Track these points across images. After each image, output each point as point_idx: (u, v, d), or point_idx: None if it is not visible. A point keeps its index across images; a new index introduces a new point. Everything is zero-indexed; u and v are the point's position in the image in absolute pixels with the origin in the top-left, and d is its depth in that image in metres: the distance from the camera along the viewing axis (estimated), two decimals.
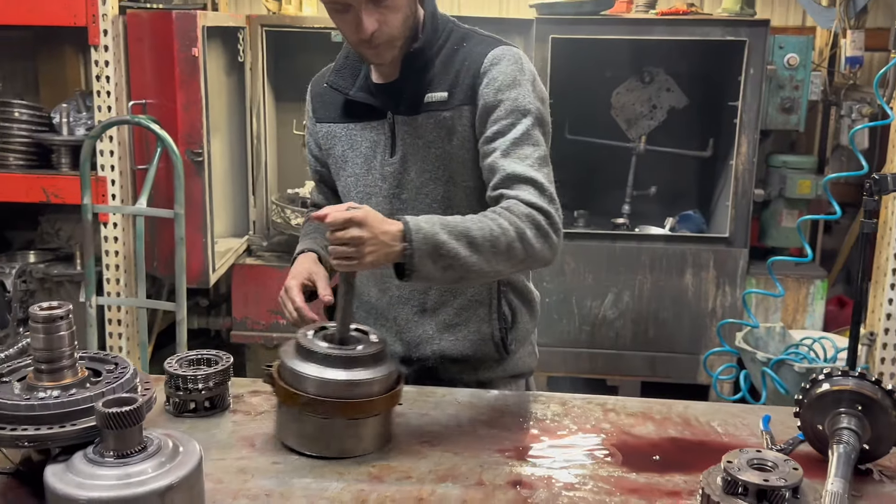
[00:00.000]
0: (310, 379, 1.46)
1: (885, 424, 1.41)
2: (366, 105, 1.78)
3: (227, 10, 4.73)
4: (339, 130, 1.84)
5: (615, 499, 1.36)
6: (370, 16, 1.61)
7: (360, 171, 1.81)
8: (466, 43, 1.75)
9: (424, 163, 1.74)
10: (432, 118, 1.72)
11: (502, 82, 1.68)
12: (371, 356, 1.50)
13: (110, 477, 1.18)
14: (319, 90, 1.90)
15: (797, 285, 3.93)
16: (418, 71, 1.73)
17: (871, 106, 3.90)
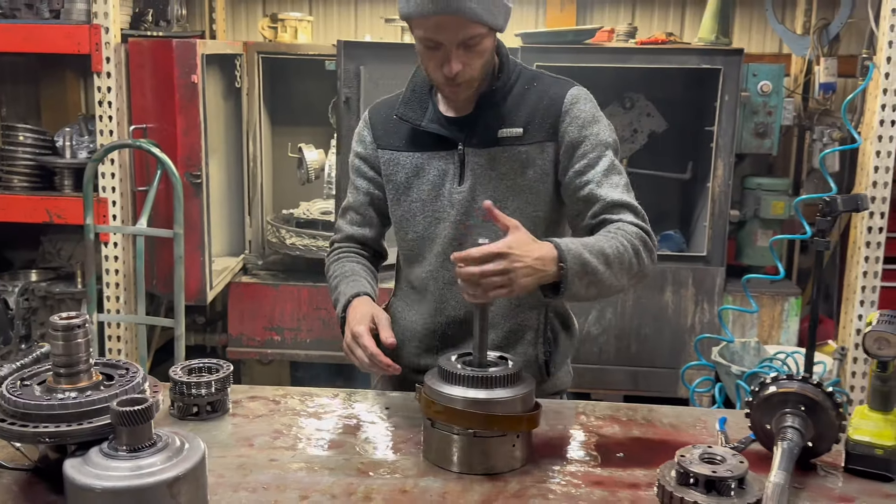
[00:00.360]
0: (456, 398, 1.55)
1: (827, 423, 1.55)
2: (436, 136, 1.89)
3: (224, 37, 4.89)
4: (403, 158, 1.93)
5: (581, 490, 1.50)
6: (458, 57, 1.73)
7: (426, 198, 1.91)
8: (537, 83, 1.90)
9: (495, 192, 1.86)
10: (507, 152, 1.86)
11: (584, 119, 1.84)
12: (511, 377, 1.58)
13: (123, 469, 1.31)
14: (382, 118, 1.99)
15: (772, 302, 4.08)
16: (492, 107, 1.86)
17: (842, 130, 4.07)
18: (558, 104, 1.85)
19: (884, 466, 1.55)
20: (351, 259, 2.02)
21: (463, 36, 1.71)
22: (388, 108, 1.99)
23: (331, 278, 1.99)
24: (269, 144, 4.70)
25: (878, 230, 3.57)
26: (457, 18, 1.68)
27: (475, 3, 1.68)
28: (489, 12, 1.71)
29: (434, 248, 1.93)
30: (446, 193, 1.89)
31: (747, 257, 4.28)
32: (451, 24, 1.69)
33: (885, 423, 1.57)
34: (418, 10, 1.69)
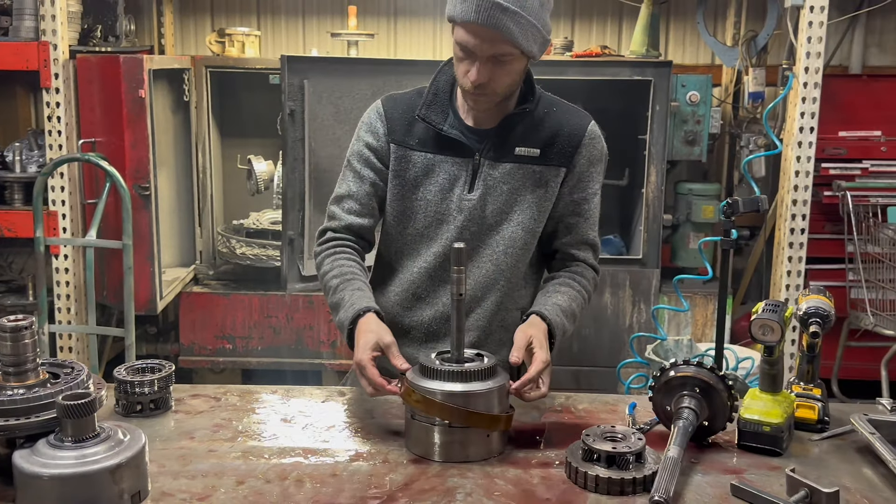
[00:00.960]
0: (435, 392, 1.66)
1: (720, 404, 1.71)
2: (453, 141, 1.98)
3: (173, 52, 4.98)
4: (415, 157, 2.01)
5: (495, 469, 1.64)
6: (485, 69, 1.83)
7: (433, 199, 2.01)
8: (556, 108, 2.04)
9: (503, 205, 2.00)
10: (521, 169, 1.99)
11: (596, 157, 2.05)
12: (486, 371, 1.70)
13: (69, 458, 1.42)
14: (399, 114, 2.04)
15: (705, 302, 4.27)
16: (513, 125, 1.99)
17: (766, 137, 4.28)
18: (579, 135, 2.01)
19: (772, 442, 1.70)
20: (348, 255, 2.04)
21: (494, 51, 1.81)
22: (405, 104, 2.05)
23: (329, 275, 2.00)
24: (218, 156, 4.79)
25: (801, 231, 3.77)
26: (493, 32, 1.78)
27: (514, 25, 1.77)
28: (525, 37, 1.79)
29: (433, 248, 2.03)
30: (455, 198, 2.00)
31: (681, 259, 4.47)
32: (486, 37, 1.79)
33: (773, 403, 1.73)
34: (462, 15, 1.79)
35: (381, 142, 2.04)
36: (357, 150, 2.07)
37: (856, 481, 1.59)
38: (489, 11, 1.76)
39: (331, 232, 2.08)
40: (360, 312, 1.85)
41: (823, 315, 1.79)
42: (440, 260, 2.02)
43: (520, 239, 2.02)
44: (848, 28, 4.86)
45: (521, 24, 1.78)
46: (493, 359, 1.75)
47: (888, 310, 4.11)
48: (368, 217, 2.07)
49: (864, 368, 4.32)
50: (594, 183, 2.06)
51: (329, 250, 2.05)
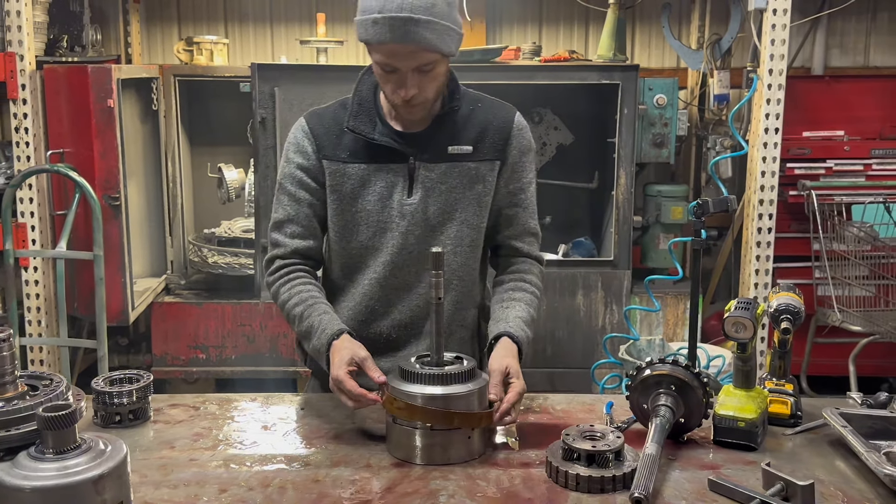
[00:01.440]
0: (416, 395, 1.68)
1: (695, 401, 1.74)
2: (386, 149, 1.99)
3: (140, 61, 4.95)
4: (350, 170, 2.00)
5: (477, 471, 1.65)
6: (413, 82, 1.85)
7: (373, 209, 2.01)
8: (482, 104, 2.06)
9: (444, 205, 2.02)
10: (456, 167, 2.01)
11: (525, 147, 2.08)
12: (466, 373, 1.72)
13: (51, 469, 1.41)
14: (324, 129, 2.03)
15: (676, 301, 4.32)
16: (443, 125, 2.00)
17: (732, 139, 4.35)
18: (508, 127, 2.04)
19: (747, 437, 1.74)
20: (303, 280, 2.03)
21: (418, 63, 1.82)
22: (330, 118, 2.05)
23: (289, 304, 1.99)
24: (188, 165, 4.77)
25: (768, 230, 3.83)
26: (411, 47, 1.79)
27: (429, 33, 1.79)
28: (442, 41, 1.82)
29: (380, 257, 2.04)
30: (395, 205, 2.01)
31: (651, 260, 4.52)
32: (406, 52, 1.80)
33: (747, 399, 1.77)
34: (377, 37, 1.80)
35: (312, 160, 2.03)
36: (289, 173, 2.05)
37: (829, 474, 1.63)
38: (403, 28, 1.77)
39: (279, 260, 2.06)
40: (333, 335, 1.87)
41: (794, 311, 1.83)
42: (389, 269, 2.04)
43: (466, 237, 2.05)
44: (810, 30, 4.96)
45: (436, 30, 1.80)
46: (472, 361, 1.77)
47: (855, 306, 4.19)
48: (312, 238, 2.07)
49: (832, 364, 4.40)
50: (528, 172, 2.09)
51: (282, 278, 2.04)
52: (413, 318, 2.08)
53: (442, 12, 1.80)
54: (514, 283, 2.09)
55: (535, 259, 2.14)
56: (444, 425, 1.67)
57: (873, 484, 1.57)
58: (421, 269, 2.03)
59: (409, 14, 1.76)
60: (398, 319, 2.07)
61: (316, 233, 2.08)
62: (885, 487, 1.53)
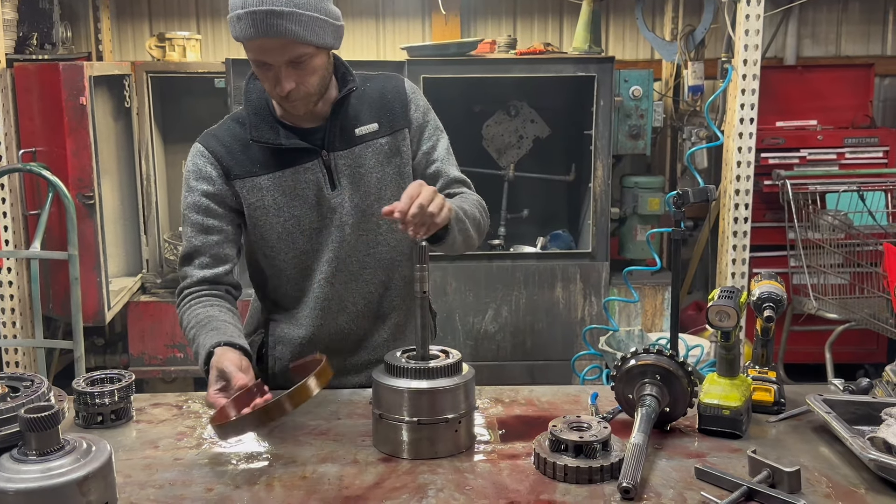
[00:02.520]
0: (402, 390, 1.67)
1: (680, 390, 1.75)
2: (295, 150, 1.95)
3: (112, 58, 4.89)
4: (264, 182, 1.96)
5: (465, 464, 1.65)
6: (289, 76, 1.82)
7: (301, 212, 1.98)
8: (370, 82, 2.07)
9: (368, 187, 2.01)
10: (369, 147, 2.01)
11: (424, 106, 2.10)
12: (452, 367, 1.71)
13: (34, 472, 1.39)
14: (225, 149, 1.97)
15: (654, 292, 4.35)
16: (343, 111, 1.99)
17: (708, 130, 4.38)
18: (403, 94, 2.07)
19: (731, 425, 1.75)
20: (203, 303, 1.96)
21: (288, 56, 1.79)
22: (228, 137, 1.99)
23: (187, 329, 1.94)
24: (162, 162, 4.72)
25: (744, 220, 3.86)
26: (278, 40, 1.76)
27: (296, 26, 1.75)
28: (312, 33, 1.78)
29: (323, 256, 2.03)
30: (323, 201, 1.99)
31: (629, 251, 4.55)
32: (275, 46, 1.78)
33: (732, 387, 1.78)
34: (243, 33, 1.77)
35: (219, 185, 1.96)
36: (192, 203, 1.98)
37: (814, 460, 1.64)
38: (266, 22, 1.74)
39: (185, 290, 2.01)
40: (205, 359, 1.79)
41: (776, 300, 1.84)
42: (335, 265, 2.03)
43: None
44: (782, 20, 5.00)
45: (303, 22, 1.76)
46: (457, 355, 1.77)
47: (830, 294, 4.23)
48: (223, 264, 2.00)
49: (809, 352, 4.45)
50: (436, 129, 2.11)
51: (184, 306, 1.99)
52: (367, 305, 2.08)
53: (308, 3, 1.77)
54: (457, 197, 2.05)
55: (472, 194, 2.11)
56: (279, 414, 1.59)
57: (858, 469, 1.59)
58: (362, 255, 2.04)
59: (271, 7, 1.73)
60: (353, 311, 2.08)
61: (227, 258, 2.01)
62: (869, 472, 1.55)
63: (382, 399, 1.70)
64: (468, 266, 4.29)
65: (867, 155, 4.57)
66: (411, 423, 1.67)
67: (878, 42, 5.18)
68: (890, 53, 5.17)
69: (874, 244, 4.12)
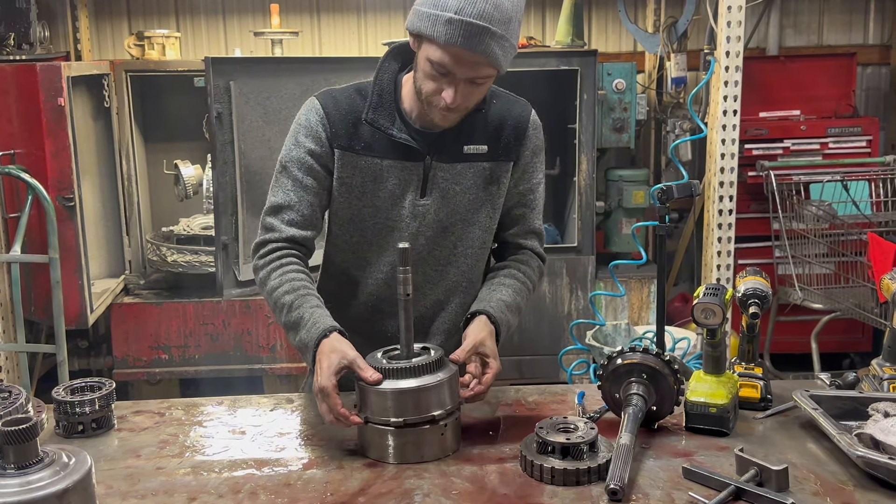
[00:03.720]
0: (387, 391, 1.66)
1: (667, 389, 1.74)
2: (404, 146, 1.90)
3: (90, 57, 4.83)
4: (363, 162, 1.91)
5: (451, 467, 1.64)
6: (463, 90, 1.76)
7: (382, 205, 1.93)
8: (496, 100, 1.98)
9: (457, 206, 1.95)
10: (472, 168, 1.94)
11: (538, 147, 2.03)
12: (434, 363, 1.70)
13: (13, 486, 1.36)
14: (340, 116, 1.92)
15: (640, 286, 4.35)
16: (460, 124, 1.90)
17: (691, 122, 4.37)
18: (523, 127, 1.98)
19: (718, 423, 1.74)
20: (296, 267, 1.91)
21: (476, 74, 1.74)
22: (347, 105, 1.93)
23: (279, 291, 1.86)
24: (143, 162, 4.67)
25: (728, 212, 3.86)
26: (478, 57, 1.71)
27: (500, 50, 1.71)
28: (506, 59, 1.75)
29: (385, 256, 1.97)
30: (407, 204, 1.94)
31: (614, 245, 4.54)
32: (469, 60, 1.72)
33: (718, 385, 1.77)
34: (447, 38, 1.69)
35: (325, 147, 1.92)
36: (297, 157, 1.93)
37: (802, 456, 1.64)
38: (479, 37, 1.68)
39: (272, 244, 1.93)
40: (324, 332, 1.75)
41: (761, 296, 1.84)
42: (392, 267, 1.96)
43: (477, 239, 2.00)
44: (764, 10, 4.99)
45: (505, 47, 1.73)
46: (439, 351, 1.75)
47: (815, 284, 4.24)
48: (311, 229, 1.96)
49: (795, 342, 4.46)
50: (538, 172, 2.05)
51: (274, 262, 1.91)
52: (419, 318, 1.98)
53: (514, 31, 1.74)
54: (508, 271, 2.02)
55: (537, 254, 2.09)
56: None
57: (845, 465, 1.58)
58: (429, 270, 1.99)
59: (488, 24, 1.67)
60: (396, 322, 2.00)
61: (316, 224, 1.97)
62: (857, 468, 1.55)
63: (366, 402, 1.69)
64: None
65: (850, 144, 4.58)
66: (397, 425, 1.66)
67: (860, 31, 5.19)
68: (872, 42, 5.18)
69: (858, 234, 4.13)
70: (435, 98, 1.79)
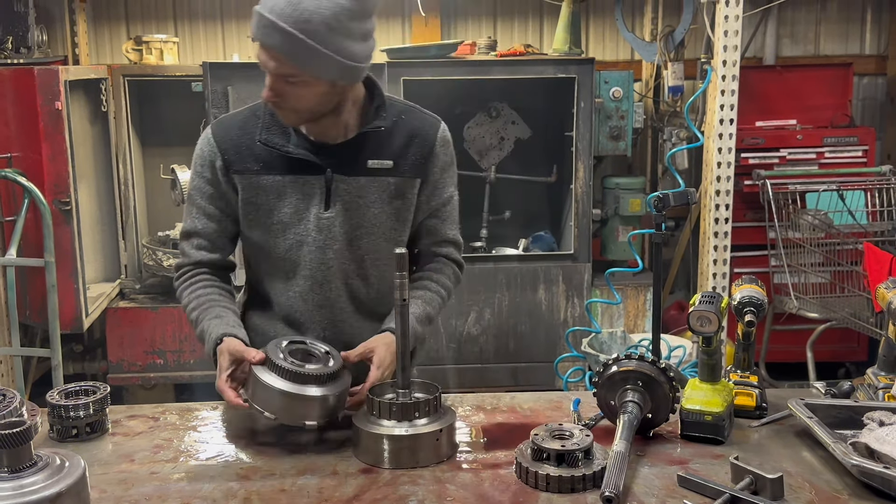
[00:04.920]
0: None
1: (662, 396, 1.74)
2: (302, 161, 1.92)
3: (88, 61, 4.83)
4: (264, 181, 1.94)
5: (446, 474, 1.63)
6: (276, 87, 1.80)
7: (289, 221, 1.95)
8: (405, 116, 2.00)
9: (361, 219, 1.96)
10: (376, 182, 1.95)
11: (446, 163, 2.04)
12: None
13: (6, 489, 1.36)
14: (233, 141, 1.95)
15: (636, 293, 4.35)
16: (364, 138, 1.93)
17: (688, 130, 4.38)
18: (430, 144, 2.00)
19: (714, 431, 1.74)
20: (204, 282, 2.00)
21: (280, 71, 1.77)
22: (238, 129, 1.97)
23: (188, 308, 1.98)
24: (140, 167, 4.67)
25: (725, 220, 3.87)
26: (275, 53, 1.75)
27: (292, 48, 1.72)
28: (307, 63, 1.74)
29: (301, 271, 1.99)
30: (312, 218, 1.95)
31: (611, 252, 4.54)
32: (271, 56, 1.77)
33: (713, 393, 1.77)
34: (251, 32, 1.78)
35: (222, 175, 1.96)
36: (197, 187, 2.00)
37: (797, 465, 1.64)
38: (268, 30, 1.73)
39: (185, 267, 2.03)
40: (216, 341, 1.86)
41: (757, 304, 1.84)
42: (310, 282, 1.99)
43: (384, 249, 2.00)
44: (761, 20, 5.01)
45: (301, 49, 1.72)
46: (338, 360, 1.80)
47: (811, 293, 4.24)
48: (219, 252, 2.03)
49: (790, 351, 4.46)
50: (449, 187, 2.06)
51: (186, 283, 2.02)
52: (337, 333, 2.03)
53: (318, 34, 1.71)
54: (420, 282, 2.06)
55: (452, 260, 2.12)
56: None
57: (840, 474, 1.58)
58: (342, 284, 2.00)
59: (277, 20, 1.71)
60: (323, 336, 2.01)
61: (223, 245, 2.04)
62: (852, 478, 1.54)
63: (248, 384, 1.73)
64: None
65: (846, 154, 4.59)
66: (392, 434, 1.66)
67: (856, 41, 5.20)
68: (868, 52, 5.20)
69: (854, 243, 4.14)
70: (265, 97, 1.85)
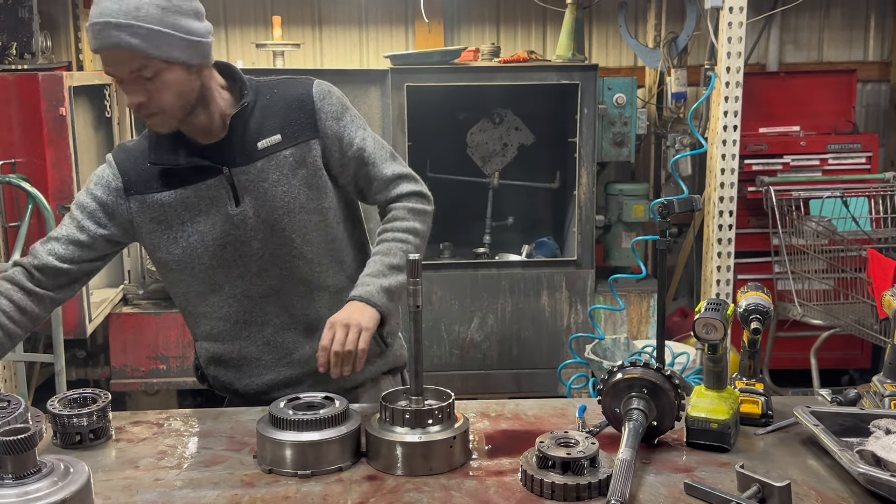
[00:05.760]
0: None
1: (668, 404, 1.73)
2: (196, 168, 1.92)
3: (91, 67, 4.84)
4: (167, 197, 1.94)
5: (451, 481, 1.63)
6: (137, 90, 1.79)
7: (205, 228, 1.95)
8: (277, 89, 1.99)
9: (273, 201, 1.95)
10: (272, 160, 1.94)
11: (336, 111, 1.99)
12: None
13: (10, 496, 1.36)
14: (132, 164, 1.97)
15: (639, 300, 4.34)
16: (243, 124, 1.93)
17: (692, 137, 4.38)
18: (308, 103, 1.97)
19: (719, 438, 1.73)
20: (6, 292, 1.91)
21: (129, 68, 1.76)
22: (137, 153, 1.98)
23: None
24: None
25: (728, 227, 3.86)
26: (116, 52, 1.74)
27: (133, 38, 1.72)
28: (153, 46, 1.74)
29: (234, 272, 1.99)
30: (227, 218, 1.95)
31: (614, 259, 4.54)
32: (117, 58, 1.76)
33: (719, 400, 1.76)
34: (91, 46, 1.78)
35: (114, 196, 1.96)
36: (82, 202, 1.98)
37: (803, 473, 1.63)
38: (103, 32, 1.73)
39: (14, 267, 1.95)
40: None
41: (763, 311, 1.83)
42: (247, 279, 2.00)
43: (311, 222, 1.98)
44: (764, 27, 5.01)
45: (141, 35, 1.72)
46: (344, 402, 1.76)
47: (814, 300, 4.24)
48: (69, 264, 1.96)
49: (794, 358, 4.45)
50: (356, 130, 2.01)
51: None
52: (292, 318, 2.04)
53: (150, 17, 1.73)
54: (381, 238, 2.02)
55: (402, 197, 2.04)
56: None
57: (847, 482, 1.57)
58: (278, 269, 1.99)
59: (108, 18, 1.72)
60: (279, 323, 2.03)
61: (74, 261, 1.96)
62: (858, 486, 1.54)
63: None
64: (453, 274, 4.27)
65: (850, 161, 4.59)
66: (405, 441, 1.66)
67: (860, 48, 5.20)
68: (872, 59, 5.20)
69: (858, 250, 4.13)
70: (131, 108, 1.84)
